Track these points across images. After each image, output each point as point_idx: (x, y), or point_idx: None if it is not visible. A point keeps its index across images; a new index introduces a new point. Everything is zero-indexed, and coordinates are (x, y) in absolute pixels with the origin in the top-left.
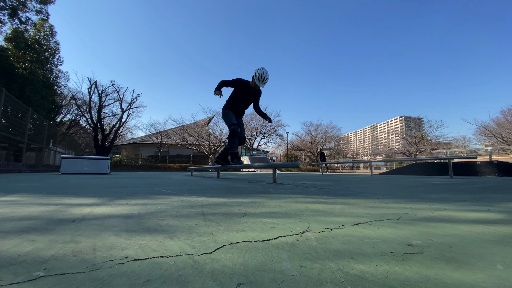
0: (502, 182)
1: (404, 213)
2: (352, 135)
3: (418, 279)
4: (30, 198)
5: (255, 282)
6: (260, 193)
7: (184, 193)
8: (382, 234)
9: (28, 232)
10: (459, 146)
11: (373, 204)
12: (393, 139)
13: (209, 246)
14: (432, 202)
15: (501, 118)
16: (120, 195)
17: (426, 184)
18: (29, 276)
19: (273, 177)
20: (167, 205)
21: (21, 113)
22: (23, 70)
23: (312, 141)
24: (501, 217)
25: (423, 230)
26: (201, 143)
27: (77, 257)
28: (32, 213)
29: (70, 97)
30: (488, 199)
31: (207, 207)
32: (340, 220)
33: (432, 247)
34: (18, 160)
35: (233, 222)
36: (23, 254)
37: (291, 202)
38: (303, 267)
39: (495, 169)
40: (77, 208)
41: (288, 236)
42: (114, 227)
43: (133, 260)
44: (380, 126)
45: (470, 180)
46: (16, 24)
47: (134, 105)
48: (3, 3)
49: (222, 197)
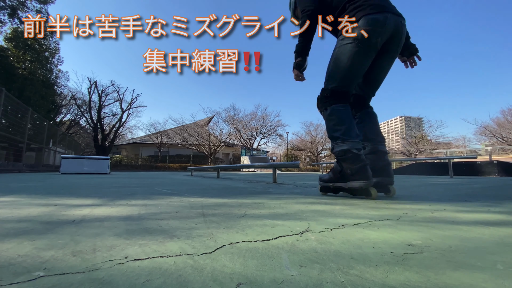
0: (502, 182)
1: (404, 213)
2: None
3: (418, 279)
4: (29, 198)
5: (255, 282)
6: (260, 193)
7: (184, 193)
8: (382, 234)
9: (28, 232)
10: (459, 146)
11: (373, 204)
12: (393, 139)
13: (209, 246)
14: (432, 202)
15: (501, 118)
16: (120, 195)
17: (426, 184)
18: (29, 276)
19: (273, 177)
20: (167, 205)
21: (21, 113)
22: (23, 70)
23: (312, 141)
24: (501, 217)
25: (423, 230)
26: (201, 143)
27: (77, 257)
28: (31, 213)
29: (70, 97)
30: (488, 199)
31: (207, 207)
32: (340, 220)
33: (432, 247)
34: (18, 160)
35: (233, 222)
36: (23, 254)
37: (291, 202)
38: (303, 267)
39: (495, 169)
40: (77, 208)
41: (288, 236)
42: (114, 227)
43: (133, 260)
44: (380, 126)
45: (470, 180)
46: (16, 24)
47: (134, 105)
48: (3, 3)
49: (222, 197)
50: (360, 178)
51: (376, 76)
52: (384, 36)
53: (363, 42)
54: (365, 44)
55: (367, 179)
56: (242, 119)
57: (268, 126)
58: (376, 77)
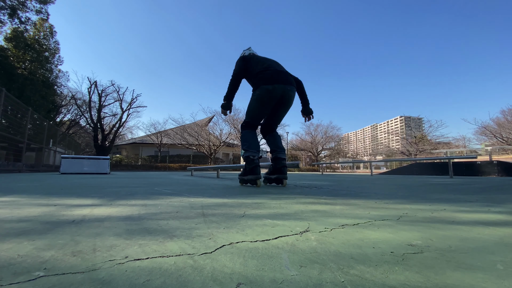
0: (502, 182)
1: (404, 213)
2: (352, 135)
3: (418, 278)
4: (29, 198)
5: (255, 282)
6: (260, 193)
7: (184, 193)
8: (382, 234)
9: (28, 232)
10: (459, 146)
11: (373, 204)
12: (393, 139)
13: (209, 246)
14: (432, 202)
15: (501, 118)
16: (120, 195)
17: (426, 184)
18: (29, 276)
19: None
20: (167, 205)
21: (21, 113)
22: (23, 70)
23: (312, 141)
24: (501, 217)
25: (423, 230)
26: (201, 143)
27: (77, 257)
28: (31, 213)
29: (70, 97)
30: (488, 199)
31: (207, 207)
32: (340, 220)
33: (432, 247)
34: (18, 160)
35: (233, 222)
36: (23, 254)
37: (291, 202)
38: (303, 267)
39: (495, 169)
40: (77, 208)
41: (288, 236)
42: (114, 227)
43: (133, 260)
44: (380, 126)
45: (470, 180)
46: (16, 24)
47: (134, 105)
48: (3, 3)
49: (222, 197)
50: (252, 173)
51: (276, 117)
52: (274, 99)
53: (259, 100)
54: (260, 101)
55: (256, 174)
56: (242, 119)
57: None
58: (276, 117)
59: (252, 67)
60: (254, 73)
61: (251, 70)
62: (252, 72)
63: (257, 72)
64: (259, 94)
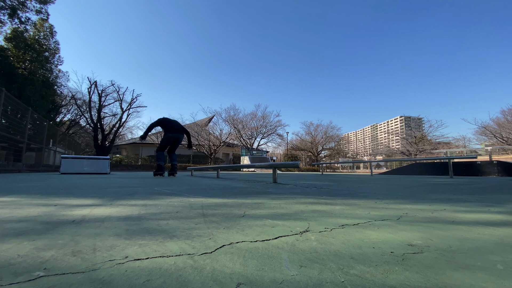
0: (502, 182)
1: (404, 213)
2: (352, 135)
3: (418, 278)
4: (29, 198)
5: (255, 282)
6: (260, 193)
7: (184, 193)
8: (382, 234)
9: (28, 232)
10: (459, 146)
11: (373, 204)
12: (393, 139)
13: (209, 246)
14: (432, 202)
15: (501, 118)
16: (120, 195)
17: (426, 184)
18: (29, 276)
19: (273, 177)
20: (167, 205)
21: (21, 113)
22: (23, 70)
23: (312, 141)
24: (501, 217)
25: (423, 230)
26: (201, 143)
27: (77, 257)
28: (31, 213)
29: (70, 97)
30: (488, 199)
31: (207, 207)
32: (340, 220)
33: (432, 247)
34: (18, 160)
35: (233, 222)
36: (23, 254)
37: (291, 202)
38: (303, 267)
39: (495, 169)
40: (77, 208)
41: (288, 236)
42: (114, 227)
43: (133, 260)
44: (380, 126)
45: (470, 180)
46: (16, 24)
47: (134, 105)
48: (3, 3)
49: (222, 197)
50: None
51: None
52: (171, 140)
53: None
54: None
55: (161, 172)
56: (242, 119)
57: (268, 126)
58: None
59: (165, 124)
60: (166, 127)
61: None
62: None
63: (167, 126)
64: (166, 136)
